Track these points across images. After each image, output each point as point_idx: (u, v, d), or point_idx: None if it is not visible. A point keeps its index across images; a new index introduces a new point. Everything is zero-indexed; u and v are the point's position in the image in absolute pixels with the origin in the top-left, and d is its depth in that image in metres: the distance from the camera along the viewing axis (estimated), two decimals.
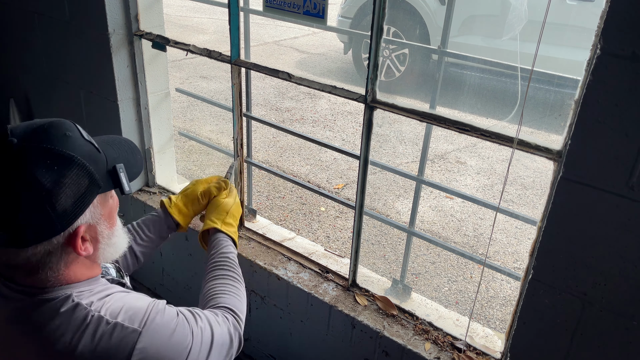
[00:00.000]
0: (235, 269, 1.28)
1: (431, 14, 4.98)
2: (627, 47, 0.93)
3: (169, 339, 0.93)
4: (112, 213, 0.96)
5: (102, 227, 0.92)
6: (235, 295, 1.19)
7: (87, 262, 0.94)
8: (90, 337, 0.86)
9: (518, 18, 1.54)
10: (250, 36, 1.77)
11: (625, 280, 1.06)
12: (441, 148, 4.33)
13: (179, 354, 0.94)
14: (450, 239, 3.17)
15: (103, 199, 0.92)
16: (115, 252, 0.99)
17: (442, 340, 1.49)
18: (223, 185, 1.45)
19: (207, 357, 1.00)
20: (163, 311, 0.96)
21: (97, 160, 0.89)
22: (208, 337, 1.01)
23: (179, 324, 0.97)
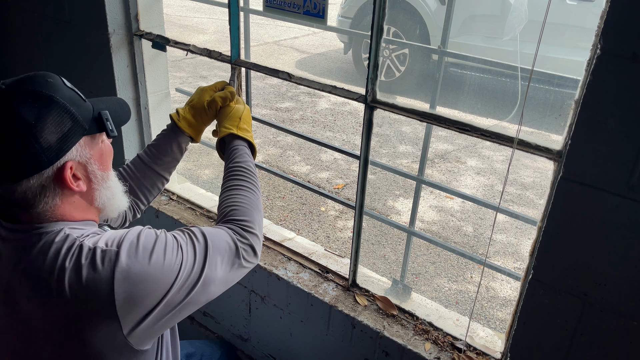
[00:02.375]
0: (248, 177, 1.26)
1: (431, 14, 4.98)
2: (627, 47, 0.93)
3: (150, 255, 0.95)
4: (104, 157, 1.05)
5: (94, 167, 1.01)
6: (246, 206, 1.18)
7: (84, 204, 1.02)
8: (76, 263, 0.92)
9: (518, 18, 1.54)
10: (250, 36, 1.77)
11: (625, 280, 1.06)
12: (441, 148, 4.33)
13: (167, 270, 0.96)
14: (450, 239, 3.17)
15: (91, 141, 1.01)
16: (112, 198, 1.06)
17: (442, 340, 1.49)
18: (229, 95, 1.42)
19: (202, 271, 1.01)
20: (143, 231, 1.00)
21: (80, 105, 0.98)
22: (201, 254, 1.02)
23: (162, 240, 0.99)
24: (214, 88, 1.44)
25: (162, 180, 1.43)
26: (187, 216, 2.02)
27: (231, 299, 1.94)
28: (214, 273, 1.03)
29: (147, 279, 0.94)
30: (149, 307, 0.95)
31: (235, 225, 1.13)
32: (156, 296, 0.95)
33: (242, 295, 1.90)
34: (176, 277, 0.97)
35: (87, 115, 0.99)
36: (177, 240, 1.01)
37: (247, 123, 1.39)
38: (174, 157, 1.42)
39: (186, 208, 2.08)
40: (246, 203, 1.19)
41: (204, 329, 2.14)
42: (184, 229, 1.08)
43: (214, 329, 2.11)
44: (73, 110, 0.95)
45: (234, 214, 1.16)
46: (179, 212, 2.04)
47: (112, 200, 1.07)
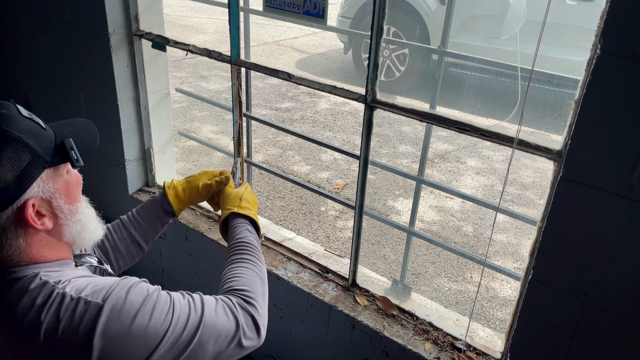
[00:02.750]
0: (251, 251, 1.19)
1: (431, 14, 4.98)
2: (627, 47, 0.93)
3: (135, 315, 0.89)
4: (71, 189, 0.97)
5: (59, 201, 0.93)
6: (248, 278, 1.12)
7: (52, 241, 0.95)
8: (55, 314, 0.86)
9: (517, 18, 1.54)
10: (250, 36, 1.77)
11: (625, 280, 1.06)
12: (441, 148, 4.33)
13: (151, 334, 0.89)
14: (450, 239, 3.17)
15: (54, 173, 0.93)
16: (84, 231, 0.99)
17: (442, 340, 1.49)
18: (224, 180, 1.40)
19: (192, 341, 0.93)
20: (134, 286, 0.93)
21: (40, 136, 0.90)
22: (195, 320, 0.95)
23: (152, 300, 0.92)
24: (215, 174, 1.43)
25: (137, 248, 1.35)
26: (187, 216, 2.02)
27: None
28: (204, 352, 0.95)
29: (126, 340, 0.87)
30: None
31: (236, 296, 1.06)
32: (137, 356, 0.88)
33: None
34: (160, 342, 0.90)
35: (48, 146, 0.91)
36: (172, 301, 0.95)
37: (250, 202, 1.35)
38: (152, 225, 1.36)
39: (186, 208, 2.08)
40: (248, 275, 1.12)
41: None
42: (185, 292, 1.01)
43: None
44: (31, 142, 0.87)
45: (234, 285, 1.09)
46: (184, 216, 2.04)
47: (83, 233, 0.99)
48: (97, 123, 2.22)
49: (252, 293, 1.07)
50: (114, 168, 2.16)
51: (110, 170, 2.18)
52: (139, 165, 2.16)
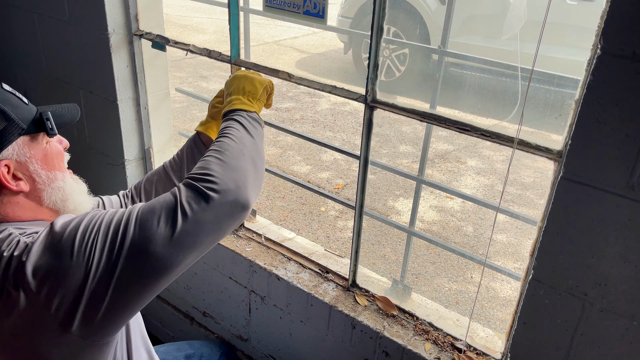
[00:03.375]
0: (224, 135, 1.08)
1: (431, 14, 4.98)
2: (627, 47, 0.93)
3: (60, 239, 0.90)
4: (49, 157, 1.03)
5: (36, 166, 0.99)
6: (204, 159, 1.01)
7: (31, 204, 1.01)
8: (8, 258, 0.91)
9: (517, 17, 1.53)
10: (250, 36, 1.77)
11: (625, 280, 1.06)
12: (441, 148, 4.33)
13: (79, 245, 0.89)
14: (450, 239, 3.17)
15: (32, 140, 1.00)
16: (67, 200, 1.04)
17: (443, 340, 1.49)
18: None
19: (125, 232, 0.89)
20: (65, 217, 0.96)
21: (18, 107, 0.98)
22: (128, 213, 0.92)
23: (81, 216, 0.94)
24: (255, 73, 1.36)
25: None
26: None
27: (231, 299, 1.94)
28: (150, 235, 0.88)
29: (58, 260, 0.88)
30: (73, 289, 0.87)
31: (183, 180, 0.98)
32: (76, 275, 0.87)
33: (242, 295, 1.90)
34: (93, 247, 0.88)
35: (26, 116, 0.98)
36: (106, 210, 0.95)
37: (228, 93, 1.24)
38: (190, 167, 1.37)
39: None
40: (203, 158, 1.02)
41: (203, 329, 2.14)
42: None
43: (213, 329, 2.11)
44: (7, 109, 0.95)
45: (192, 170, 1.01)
46: None
47: (67, 201, 1.04)
48: (97, 123, 2.22)
49: (197, 170, 0.98)
50: (113, 168, 2.16)
51: (110, 170, 2.18)
52: (139, 165, 2.16)
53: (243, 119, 1.15)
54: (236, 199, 0.95)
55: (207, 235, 0.93)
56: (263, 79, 1.29)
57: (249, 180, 0.99)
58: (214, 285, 1.99)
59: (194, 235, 0.91)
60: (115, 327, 0.93)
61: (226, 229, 0.96)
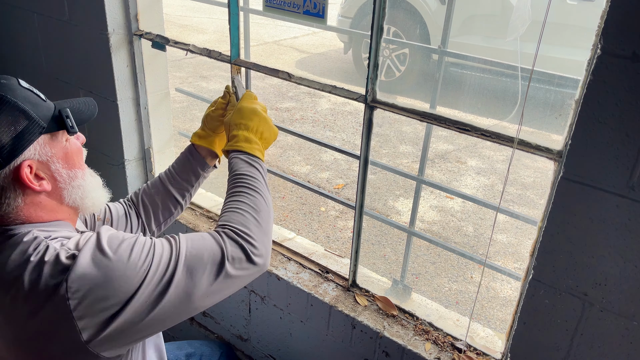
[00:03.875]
0: (241, 182, 1.14)
1: (431, 14, 4.98)
2: (627, 47, 0.93)
3: (114, 253, 0.91)
4: (70, 155, 1.02)
5: (57, 165, 0.98)
6: (235, 210, 1.08)
7: (52, 203, 1.00)
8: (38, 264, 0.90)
9: (522, 19, 1.53)
10: (250, 36, 1.77)
11: (625, 280, 1.06)
12: (441, 148, 4.33)
13: (131, 271, 0.90)
14: (450, 239, 3.17)
15: (52, 139, 0.98)
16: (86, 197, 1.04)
17: (443, 340, 1.49)
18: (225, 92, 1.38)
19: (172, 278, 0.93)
20: (110, 231, 0.96)
21: (38, 104, 0.96)
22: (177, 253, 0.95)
23: (130, 238, 0.94)
24: (215, 101, 1.42)
25: (175, 203, 1.37)
26: (187, 216, 2.02)
27: (231, 299, 1.94)
28: (194, 282, 0.95)
29: (106, 280, 0.89)
30: (110, 310, 0.89)
31: (224, 229, 1.04)
32: (118, 298, 0.89)
33: (242, 295, 1.90)
34: (143, 281, 0.91)
35: (46, 114, 0.97)
36: (152, 242, 0.96)
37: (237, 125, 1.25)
38: (187, 179, 1.38)
39: (199, 215, 2.07)
40: (240, 207, 1.09)
41: (203, 329, 2.14)
42: (167, 235, 1.02)
43: (213, 329, 2.11)
44: (27, 108, 0.93)
45: (226, 218, 1.07)
46: (192, 219, 2.04)
47: (86, 199, 1.04)
48: (96, 123, 2.22)
49: (240, 225, 1.05)
50: (113, 168, 2.16)
51: (110, 170, 2.18)
52: (139, 165, 2.16)
53: (264, 172, 1.20)
54: (265, 264, 1.05)
55: (235, 290, 1.03)
56: (276, 130, 1.31)
57: (271, 244, 1.10)
58: None
59: (226, 289, 1.00)
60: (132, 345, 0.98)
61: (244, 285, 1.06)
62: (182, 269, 0.94)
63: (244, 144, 1.22)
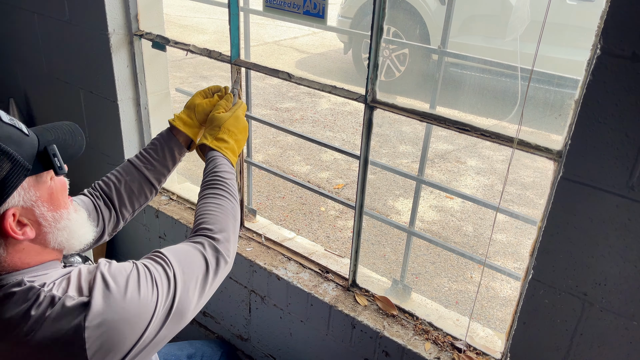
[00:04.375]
0: (222, 186, 1.20)
1: (431, 14, 4.98)
2: (627, 47, 0.93)
3: (124, 296, 0.89)
4: (55, 195, 0.94)
5: (42, 209, 0.91)
6: (217, 214, 1.14)
7: (37, 248, 0.93)
8: (42, 317, 0.85)
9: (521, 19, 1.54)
10: (250, 36, 1.77)
11: (625, 280, 1.06)
12: (441, 148, 4.33)
13: (144, 310, 0.90)
14: (450, 239, 3.17)
15: (37, 180, 0.90)
16: (72, 237, 0.98)
17: (442, 340, 1.49)
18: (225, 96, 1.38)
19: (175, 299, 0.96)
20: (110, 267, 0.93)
21: (21, 143, 0.87)
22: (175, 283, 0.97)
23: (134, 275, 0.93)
24: (207, 91, 1.41)
25: (150, 188, 1.35)
26: (187, 216, 2.02)
27: (231, 299, 1.94)
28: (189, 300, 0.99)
29: (122, 323, 0.88)
30: (125, 350, 0.89)
31: (204, 237, 1.09)
32: (133, 338, 0.89)
33: (242, 295, 1.90)
34: (153, 314, 0.91)
35: (30, 153, 0.88)
36: (150, 273, 0.95)
37: (229, 132, 1.31)
38: (164, 163, 1.36)
39: (186, 208, 2.08)
40: (218, 212, 1.15)
41: (204, 329, 2.14)
42: (154, 255, 1.01)
43: (214, 329, 2.11)
44: (11, 150, 0.83)
45: (204, 222, 1.12)
46: (179, 212, 2.05)
47: (72, 239, 0.98)
48: (97, 123, 2.22)
49: (220, 230, 1.11)
50: (113, 168, 2.16)
51: (110, 170, 2.18)
52: None
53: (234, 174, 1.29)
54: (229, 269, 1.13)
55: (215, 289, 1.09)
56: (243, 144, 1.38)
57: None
58: None
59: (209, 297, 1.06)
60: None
61: None
62: (180, 292, 0.97)
63: (230, 153, 1.30)
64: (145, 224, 2.16)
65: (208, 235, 1.10)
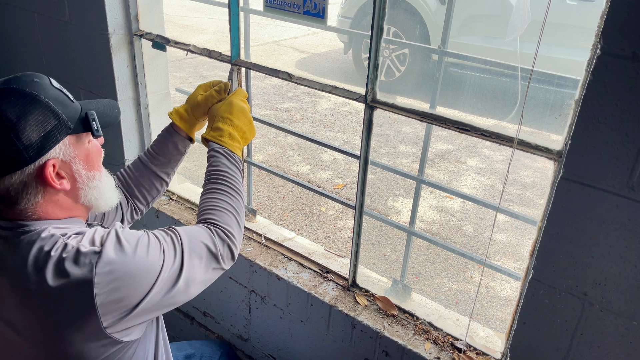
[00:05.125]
0: (225, 181, 1.22)
1: (431, 14, 4.98)
2: (627, 47, 0.93)
3: (134, 252, 0.96)
4: (91, 156, 1.06)
5: (78, 166, 1.02)
6: (226, 210, 1.18)
7: (69, 202, 1.03)
8: (57, 261, 0.92)
9: (521, 19, 1.53)
10: (250, 36, 1.77)
11: (625, 280, 1.06)
12: (441, 148, 4.33)
13: (150, 269, 0.97)
14: (450, 239, 3.17)
15: (77, 140, 1.02)
16: (101, 197, 1.08)
17: (442, 340, 1.49)
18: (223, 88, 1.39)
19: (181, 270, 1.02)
20: (124, 229, 1.01)
21: (67, 105, 1.00)
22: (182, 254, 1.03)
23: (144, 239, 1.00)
24: (208, 84, 1.43)
25: (160, 181, 1.42)
26: (187, 216, 2.02)
27: (231, 299, 1.94)
28: (193, 274, 1.04)
29: (129, 277, 0.94)
30: (130, 305, 0.95)
31: (216, 228, 1.13)
32: (138, 294, 0.95)
33: (242, 295, 1.90)
34: (158, 276, 0.98)
35: (73, 115, 1.00)
36: (159, 240, 1.02)
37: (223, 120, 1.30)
38: (171, 157, 1.42)
39: (186, 208, 2.08)
40: (226, 208, 1.18)
41: (204, 329, 2.14)
42: (166, 228, 1.08)
43: (213, 329, 2.11)
44: (57, 109, 0.96)
45: (214, 216, 1.16)
46: (179, 212, 2.05)
47: (100, 199, 1.08)
48: None
49: (230, 228, 1.15)
50: (113, 168, 2.16)
51: (110, 170, 2.18)
52: None
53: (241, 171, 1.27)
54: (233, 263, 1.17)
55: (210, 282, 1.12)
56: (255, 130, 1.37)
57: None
58: (214, 285, 1.99)
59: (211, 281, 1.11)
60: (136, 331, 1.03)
61: None
62: (187, 260, 1.03)
63: (227, 139, 1.29)
64: (146, 224, 2.16)
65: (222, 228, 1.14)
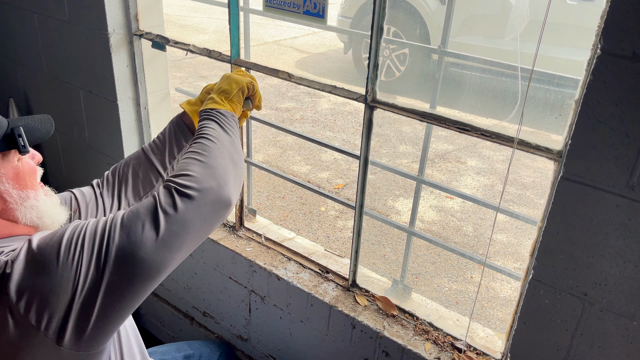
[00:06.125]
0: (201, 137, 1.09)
1: (431, 14, 4.98)
2: (627, 47, 0.93)
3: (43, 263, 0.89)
4: (21, 175, 1.00)
5: (6, 186, 0.97)
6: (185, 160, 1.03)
7: (5, 223, 0.98)
8: None
9: (520, 18, 1.53)
10: (250, 36, 1.77)
11: (625, 280, 1.06)
12: (441, 148, 4.33)
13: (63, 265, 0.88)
14: (450, 239, 3.17)
15: (3, 158, 0.97)
16: (43, 216, 1.02)
17: (443, 340, 1.49)
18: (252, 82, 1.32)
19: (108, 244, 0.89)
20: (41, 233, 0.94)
21: None
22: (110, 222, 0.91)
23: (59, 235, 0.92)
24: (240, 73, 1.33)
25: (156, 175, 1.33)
26: None
27: (231, 299, 1.94)
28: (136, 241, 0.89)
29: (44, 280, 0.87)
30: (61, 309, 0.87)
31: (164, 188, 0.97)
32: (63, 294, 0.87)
33: (242, 295, 1.90)
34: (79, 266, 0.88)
35: None
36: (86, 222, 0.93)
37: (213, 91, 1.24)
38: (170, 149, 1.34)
39: None
40: (184, 158, 1.04)
41: (203, 329, 2.14)
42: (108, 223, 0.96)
43: (213, 329, 2.11)
44: None
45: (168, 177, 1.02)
46: None
47: (43, 218, 1.02)
48: (96, 123, 2.22)
49: (177, 170, 1.00)
50: None
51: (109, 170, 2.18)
52: None
53: (217, 118, 1.16)
54: (218, 197, 0.98)
55: (193, 234, 0.95)
56: (240, 79, 1.25)
57: (230, 177, 1.02)
58: (214, 285, 1.99)
59: (179, 236, 0.93)
60: (108, 334, 0.93)
61: (210, 226, 0.99)
62: (117, 233, 0.90)
63: (212, 103, 1.20)
64: None
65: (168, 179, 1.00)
